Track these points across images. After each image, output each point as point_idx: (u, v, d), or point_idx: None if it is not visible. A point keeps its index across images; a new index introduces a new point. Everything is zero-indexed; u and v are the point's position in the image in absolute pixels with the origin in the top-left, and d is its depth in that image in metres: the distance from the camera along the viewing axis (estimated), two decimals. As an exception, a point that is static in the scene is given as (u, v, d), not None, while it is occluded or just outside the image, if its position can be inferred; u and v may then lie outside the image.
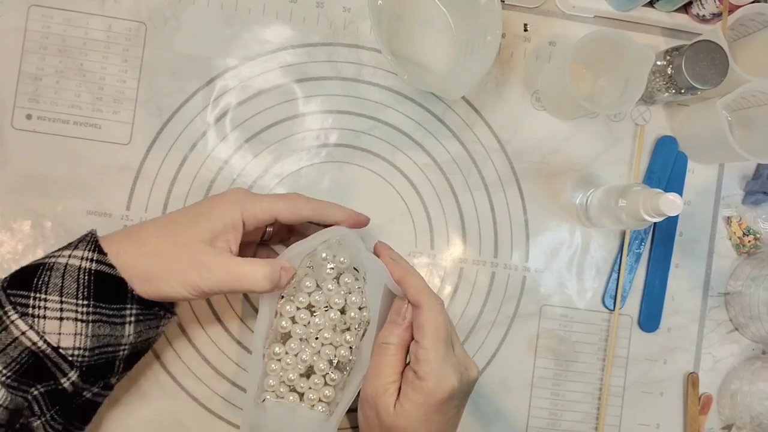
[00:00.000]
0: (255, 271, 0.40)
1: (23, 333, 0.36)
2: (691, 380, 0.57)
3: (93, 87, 0.53)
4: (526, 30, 0.58)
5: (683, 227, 0.58)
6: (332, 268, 0.44)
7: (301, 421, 0.45)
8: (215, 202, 0.42)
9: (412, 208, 0.56)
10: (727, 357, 0.58)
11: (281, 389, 0.45)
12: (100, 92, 0.53)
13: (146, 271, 0.39)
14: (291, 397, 0.45)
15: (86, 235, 0.40)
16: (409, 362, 0.43)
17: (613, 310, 0.57)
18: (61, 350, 0.37)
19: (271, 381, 0.45)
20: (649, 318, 0.57)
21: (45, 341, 0.37)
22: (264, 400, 0.45)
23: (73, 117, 0.53)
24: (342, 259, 0.44)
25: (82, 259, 0.38)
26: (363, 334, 0.45)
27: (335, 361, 0.45)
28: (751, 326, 0.56)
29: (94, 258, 0.38)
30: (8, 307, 0.36)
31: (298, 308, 0.45)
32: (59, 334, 0.37)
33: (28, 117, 0.53)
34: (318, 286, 0.45)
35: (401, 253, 0.55)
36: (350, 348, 0.45)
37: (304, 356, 0.44)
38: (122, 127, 0.54)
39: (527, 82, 0.57)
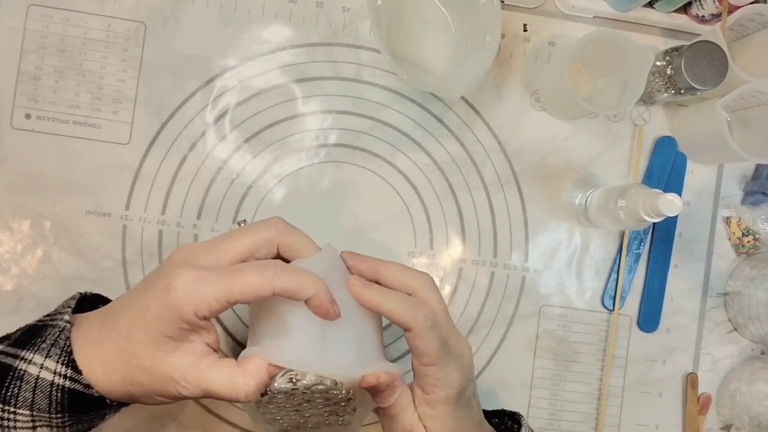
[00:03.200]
0: (232, 388, 0.34)
1: None
2: (690, 380, 0.57)
3: (92, 87, 0.53)
4: (525, 30, 0.58)
5: (682, 227, 0.58)
6: (297, 389, 0.36)
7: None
8: (164, 302, 0.33)
9: (412, 208, 0.56)
10: (726, 357, 0.58)
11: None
12: (100, 92, 0.53)
13: (125, 396, 0.36)
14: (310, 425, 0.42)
15: (59, 335, 0.35)
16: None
17: (613, 310, 0.57)
18: None
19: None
20: (649, 318, 0.57)
21: None
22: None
23: (73, 117, 0.53)
24: (305, 382, 0.36)
25: (54, 373, 0.34)
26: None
27: (338, 410, 0.41)
28: (750, 326, 0.56)
29: (68, 375, 0.34)
30: None
31: (279, 409, 0.39)
32: None
33: (27, 117, 0.53)
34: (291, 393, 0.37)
35: (400, 254, 0.55)
36: (348, 399, 0.38)
37: (305, 414, 0.40)
38: (121, 127, 0.53)
39: (527, 83, 0.57)
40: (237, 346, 0.54)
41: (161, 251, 0.53)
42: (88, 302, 0.40)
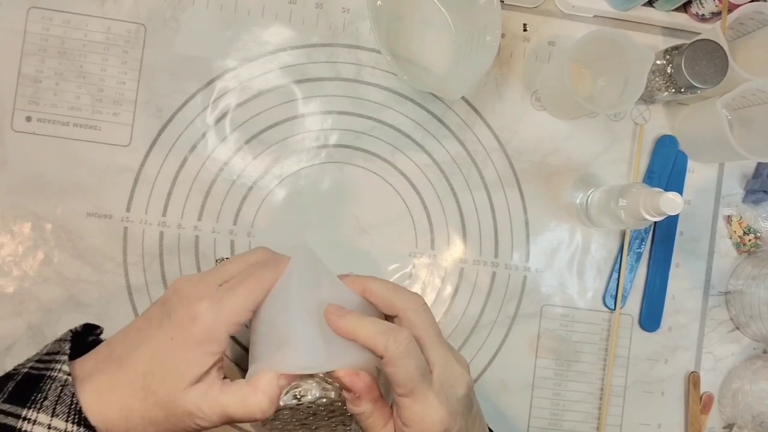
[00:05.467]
0: (246, 408, 0.34)
1: None
2: (692, 380, 0.57)
3: (93, 89, 0.53)
4: (525, 30, 0.58)
5: (683, 226, 0.58)
6: (302, 404, 0.37)
7: None
8: (192, 332, 0.34)
9: (413, 209, 0.56)
10: (728, 356, 0.58)
11: None
12: (100, 94, 0.53)
13: None
14: None
15: (62, 391, 0.33)
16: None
17: (614, 309, 0.57)
18: None
19: None
20: (650, 317, 0.57)
21: None
22: None
23: (73, 119, 0.53)
24: (309, 397, 0.37)
25: None
26: None
27: (345, 420, 0.41)
28: (752, 325, 0.56)
29: None
30: None
31: (286, 424, 0.39)
32: None
33: (28, 119, 0.53)
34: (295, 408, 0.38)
35: (402, 254, 0.55)
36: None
37: (312, 427, 0.40)
38: (122, 129, 0.54)
39: (527, 82, 0.57)
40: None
41: (162, 253, 0.53)
42: (78, 336, 0.38)
